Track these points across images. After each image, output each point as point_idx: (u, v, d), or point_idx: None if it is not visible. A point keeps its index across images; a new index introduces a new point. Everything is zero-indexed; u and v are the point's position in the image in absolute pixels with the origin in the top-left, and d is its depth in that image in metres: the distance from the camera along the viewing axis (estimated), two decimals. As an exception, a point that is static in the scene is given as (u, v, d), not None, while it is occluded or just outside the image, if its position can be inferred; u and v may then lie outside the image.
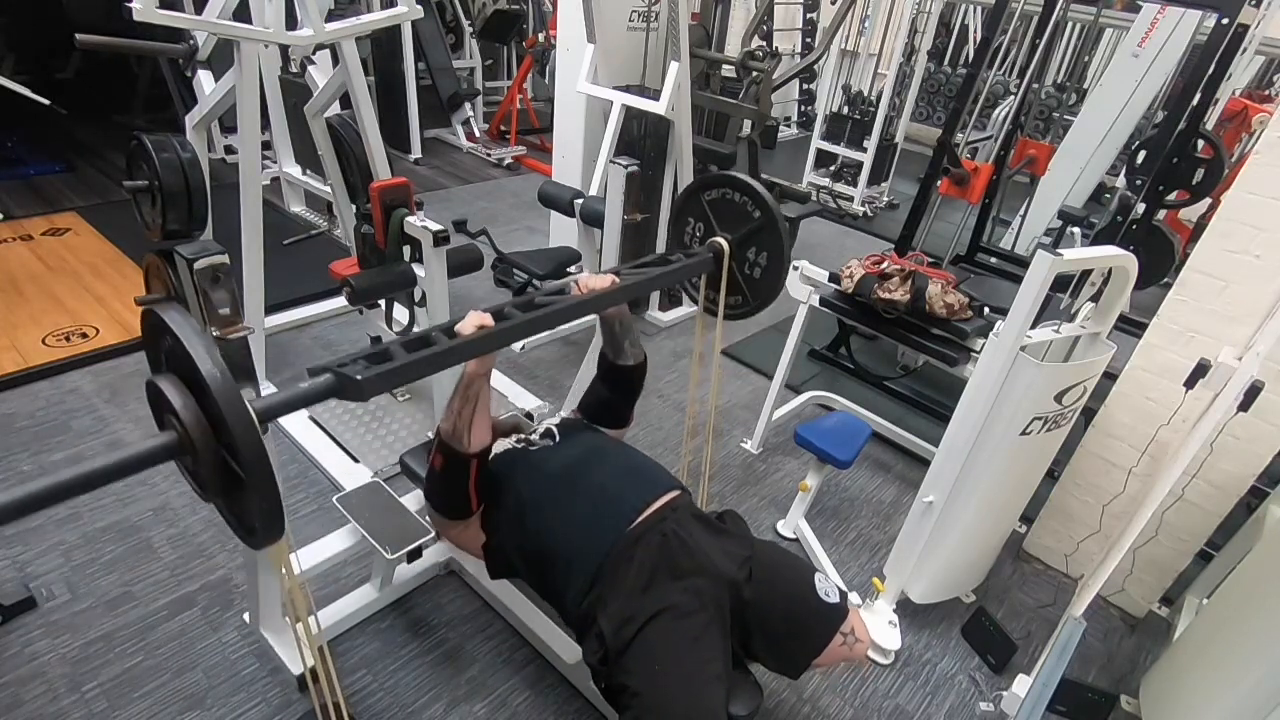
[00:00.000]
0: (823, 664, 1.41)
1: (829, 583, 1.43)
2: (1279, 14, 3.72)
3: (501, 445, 1.65)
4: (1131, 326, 2.99)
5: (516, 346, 3.17)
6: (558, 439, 1.66)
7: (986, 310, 2.46)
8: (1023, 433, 1.81)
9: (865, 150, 5.33)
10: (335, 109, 2.87)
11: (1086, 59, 7.10)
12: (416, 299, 2.41)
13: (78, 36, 2.25)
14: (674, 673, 1.27)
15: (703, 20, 3.84)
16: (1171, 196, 3.29)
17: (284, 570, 1.13)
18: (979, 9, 7.43)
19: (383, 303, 2.50)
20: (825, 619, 1.39)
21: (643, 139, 3.32)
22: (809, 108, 7.54)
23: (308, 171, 4.28)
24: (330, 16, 2.44)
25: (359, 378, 1.09)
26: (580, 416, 1.85)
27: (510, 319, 1.31)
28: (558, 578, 1.45)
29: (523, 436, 1.69)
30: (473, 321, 1.27)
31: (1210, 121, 3.65)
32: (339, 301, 3.31)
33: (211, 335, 1.36)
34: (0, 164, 4.66)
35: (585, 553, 1.41)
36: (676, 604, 1.33)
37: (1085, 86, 6.53)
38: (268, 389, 2.78)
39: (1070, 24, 6.49)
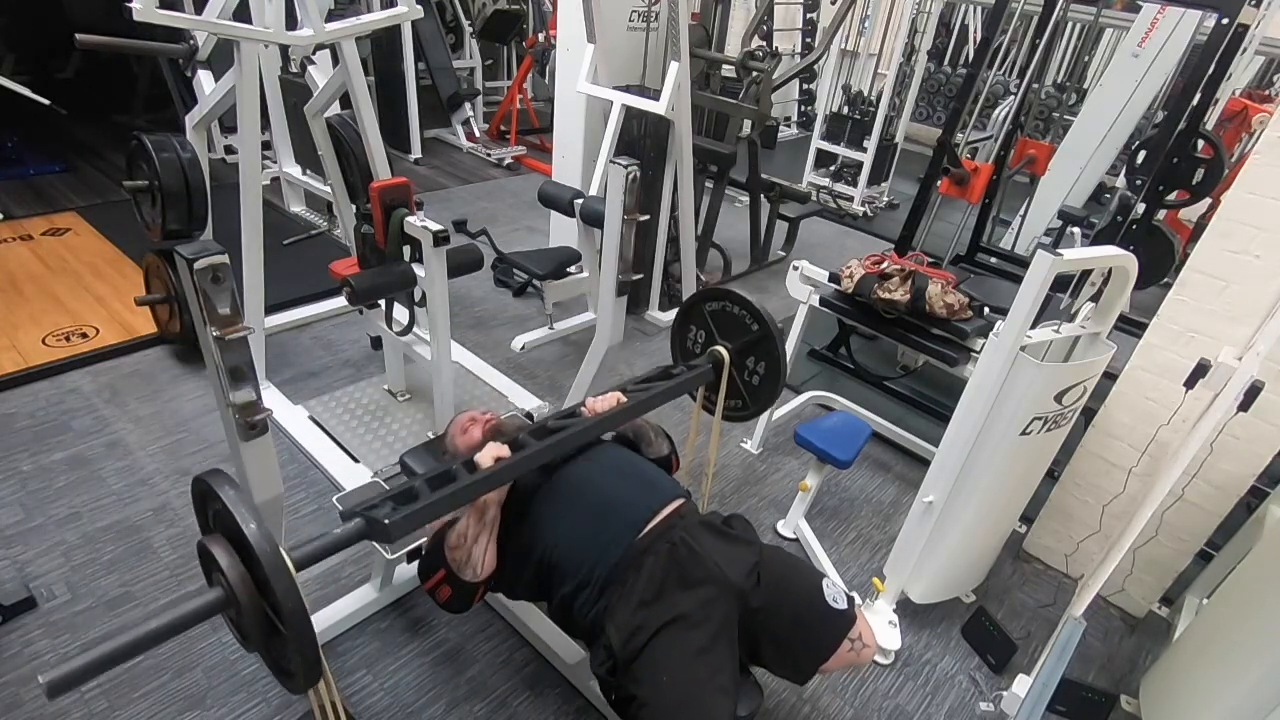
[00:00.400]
0: (830, 669, 1.41)
1: (837, 589, 1.43)
2: (1279, 14, 3.72)
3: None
4: (1131, 326, 2.99)
5: (516, 346, 3.17)
6: None
7: (986, 310, 2.46)
8: (1023, 433, 1.81)
9: (865, 150, 5.33)
10: (335, 109, 2.87)
11: (1086, 59, 7.10)
12: (416, 299, 2.41)
13: (78, 36, 2.25)
14: (682, 684, 1.27)
15: (703, 20, 3.84)
16: (1171, 196, 3.29)
17: None
18: (979, 9, 7.43)
19: (383, 303, 2.50)
20: (834, 625, 1.39)
21: (643, 139, 3.32)
22: (809, 108, 7.54)
23: (308, 171, 4.28)
24: (330, 16, 2.44)
25: (387, 521, 1.19)
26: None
27: (527, 448, 1.42)
28: (565, 589, 1.44)
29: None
30: (490, 454, 1.35)
31: (1210, 121, 3.65)
32: (339, 301, 3.31)
33: (211, 335, 1.36)
34: (0, 164, 4.66)
35: (593, 563, 1.41)
36: (685, 614, 1.32)
37: (1085, 86, 6.53)
38: (268, 389, 2.78)
39: (1070, 24, 6.49)
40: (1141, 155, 3.62)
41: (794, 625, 1.39)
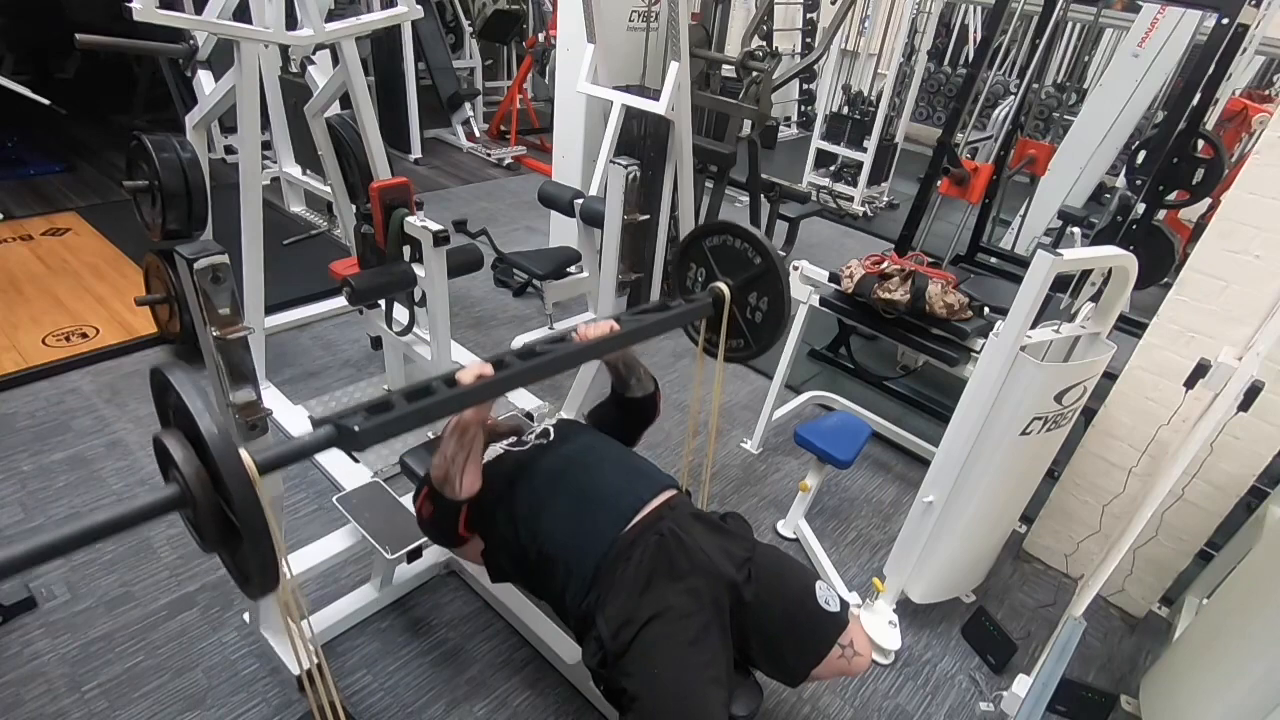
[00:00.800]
0: (821, 676, 1.40)
1: (830, 591, 1.42)
2: (1279, 14, 3.72)
3: (494, 450, 1.65)
4: (1131, 326, 2.99)
5: (516, 345, 3.17)
6: (552, 437, 1.66)
7: (986, 310, 2.46)
8: (1023, 433, 1.81)
9: (865, 150, 5.33)
10: (335, 109, 2.87)
11: (1086, 59, 7.10)
12: (416, 299, 2.41)
13: (78, 36, 2.25)
14: (672, 676, 1.27)
15: (703, 20, 3.84)
16: (1171, 196, 3.29)
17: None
18: (979, 9, 7.43)
19: (383, 303, 2.50)
20: (824, 628, 1.38)
21: (643, 139, 3.32)
22: (809, 108, 7.54)
23: (308, 171, 4.28)
24: (330, 16, 2.44)
25: (356, 429, 1.11)
26: (586, 422, 1.85)
27: (510, 368, 1.33)
28: (556, 580, 1.44)
29: (518, 439, 1.68)
30: (473, 371, 1.29)
31: (1210, 121, 3.65)
32: (339, 301, 3.31)
33: (211, 335, 1.36)
34: (0, 164, 4.66)
35: (582, 554, 1.41)
36: (675, 605, 1.32)
37: (1085, 86, 6.53)
38: (268, 389, 2.78)
39: (1070, 24, 6.49)
40: (1141, 155, 3.62)
41: (784, 624, 1.38)
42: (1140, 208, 3.08)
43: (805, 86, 7.62)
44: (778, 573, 1.43)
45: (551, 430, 1.68)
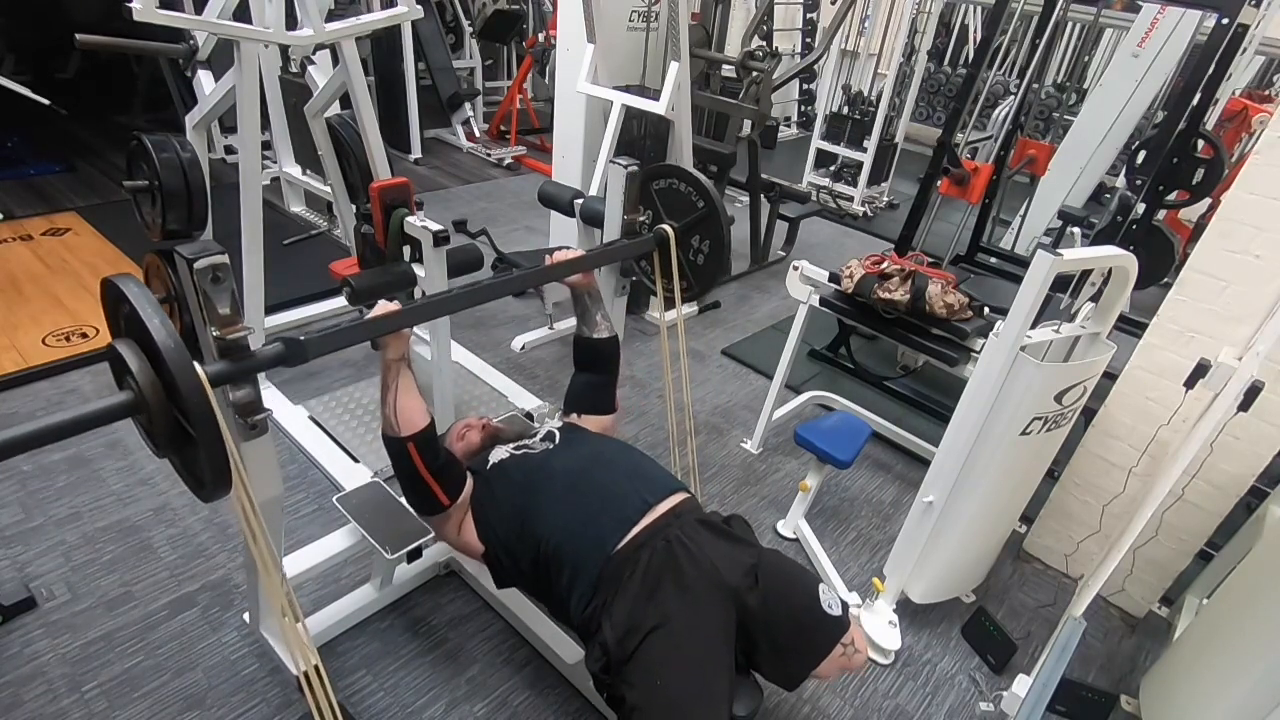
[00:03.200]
0: (821, 675, 1.41)
1: (832, 594, 1.42)
2: (1279, 14, 3.72)
3: (499, 454, 1.65)
4: (1131, 326, 2.99)
5: (516, 346, 3.17)
6: (558, 441, 1.66)
7: (986, 310, 2.46)
8: (1023, 433, 1.81)
9: (865, 150, 5.33)
10: (335, 109, 2.87)
11: (1086, 59, 7.10)
12: (416, 299, 2.41)
13: (78, 36, 2.25)
14: (675, 689, 1.26)
15: (703, 20, 3.84)
16: (1171, 196, 3.29)
17: (271, 573, 1.15)
18: (979, 9, 7.43)
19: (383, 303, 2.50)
20: (828, 631, 1.38)
21: (643, 139, 3.32)
22: (809, 108, 7.54)
23: (308, 171, 4.28)
24: (330, 16, 2.43)
25: (303, 338, 1.21)
26: (568, 416, 1.85)
27: (456, 291, 1.46)
28: (560, 584, 1.44)
29: (522, 443, 1.68)
30: (380, 308, 1.41)
31: (1210, 121, 3.65)
32: (339, 301, 3.30)
33: (211, 335, 1.36)
34: (0, 164, 4.66)
35: (588, 557, 1.40)
36: (679, 616, 1.32)
37: (1085, 86, 6.53)
38: (268, 389, 2.78)
39: (1070, 24, 6.49)
40: (1141, 155, 3.62)
41: (789, 629, 1.38)
42: (1140, 208, 3.08)
43: (805, 86, 7.62)
44: (783, 579, 1.43)
45: (557, 434, 1.67)
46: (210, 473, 1.03)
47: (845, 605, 1.44)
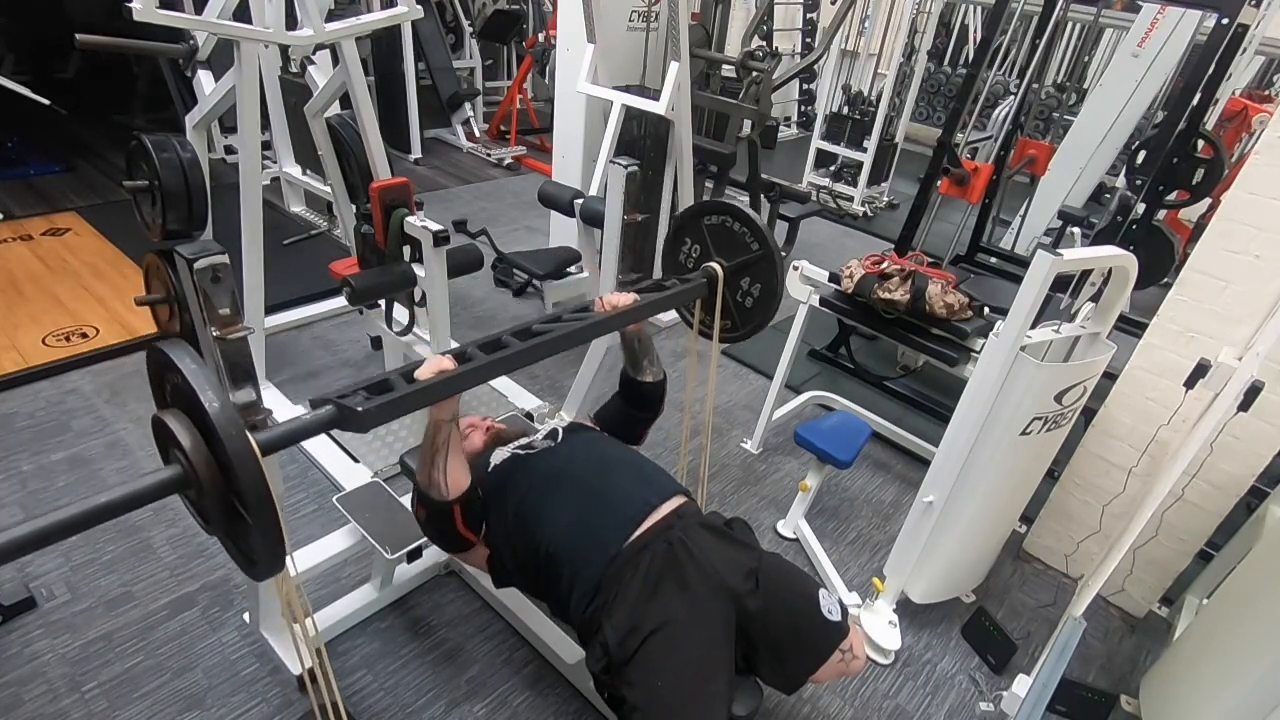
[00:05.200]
0: (819, 680, 1.41)
1: (832, 599, 1.42)
2: (1279, 14, 3.72)
3: (501, 454, 1.65)
4: (1131, 326, 2.99)
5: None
6: (560, 440, 1.66)
7: (986, 310, 2.46)
8: (1023, 433, 1.81)
9: (865, 150, 5.33)
10: (335, 109, 2.87)
11: (1086, 59, 7.10)
12: (416, 299, 2.41)
13: (78, 36, 2.25)
14: (674, 690, 1.27)
15: (703, 20, 3.84)
16: (1171, 196, 3.29)
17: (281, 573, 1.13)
18: (979, 9, 7.43)
19: (383, 303, 2.50)
20: (827, 636, 1.38)
21: (643, 139, 3.32)
22: (809, 108, 7.54)
23: (308, 171, 4.28)
24: (330, 16, 2.44)
25: (360, 409, 1.10)
26: (595, 425, 1.85)
27: (508, 348, 1.33)
28: (561, 584, 1.44)
29: (524, 443, 1.68)
30: (433, 367, 1.26)
31: (1210, 121, 3.65)
32: (339, 301, 3.31)
33: (211, 336, 1.36)
34: (0, 164, 4.66)
35: (589, 558, 1.40)
36: (680, 617, 1.32)
37: (1085, 86, 6.53)
38: (268, 389, 2.78)
39: (1070, 24, 6.49)
40: (1141, 155, 3.62)
41: (789, 634, 1.38)
42: (1140, 208, 3.08)
43: (805, 86, 7.62)
44: (783, 583, 1.43)
45: (560, 432, 1.67)
46: (264, 553, 0.98)
47: (845, 611, 1.44)
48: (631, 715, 1.28)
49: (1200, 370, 1.72)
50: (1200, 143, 3.17)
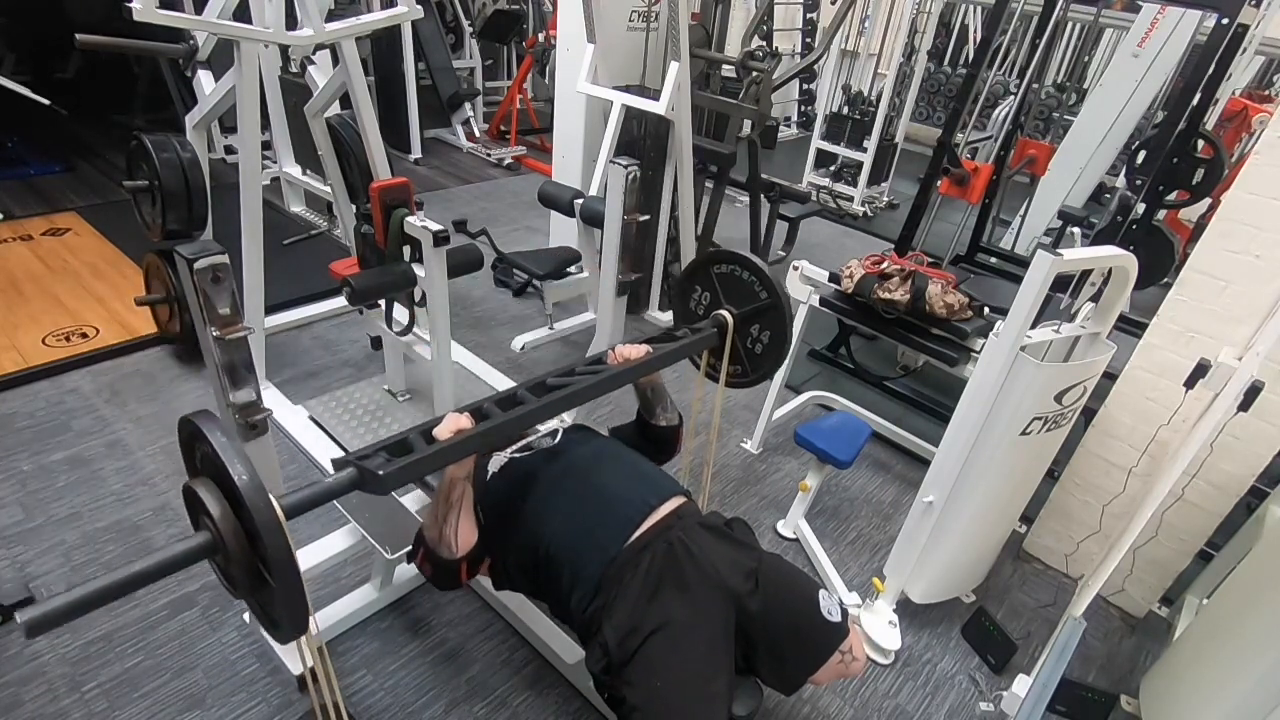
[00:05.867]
0: (818, 681, 1.41)
1: (833, 600, 1.42)
2: (1279, 14, 3.72)
3: (498, 460, 1.64)
4: (1131, 326, 2.99)
5: (516, 346, 3.17)
6: (559, 439, 1.66)
7: (986, 310, 2.46)
8: (1023, 433, 1.81)
9: (865, 150, 5.33)
10: (335, 109, 2.87)
11: (1086, 59, 7.11)
12: (416, 299, 2.41)
13: (78, 36, 2.25)
14: (674, 691, 1.27)
15: (703, 20, 3.84)
16: (1171, 196, 3.29)
17: None
18: (979, 9, 7.43)
19: (383, 303, 2.50)
20: (827, 637, 1.38)
21: (643, 139, 3.32)
22: (809, 108, 7.54)
23: (308, 171, 4.28)
24: (330, 16, 2.44)
25: (381, 473, 1.14)
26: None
27: (524, 404, 1.35)
28: (561, 583, 1.44)
29: (523, 444, 1.68)
30: (451, 426, 1.27)
31: (1210, 121, 3.65)
32: (339, 301, 3.31)
33: (211, 335, 1.36)
34: (0, 164, 4.66)
35: (590, 558, 1.40)
36: (680, 618, 1.32)
37: (1085, 86, 6.53)
38: (268, 390, 2.78)
39: (1070, 24, 6.49)
40: (1141, 155, 3.62)
41: (789, 635, 1.38)
42: (1140, 208, 3.08)
43: (805, 86, 7.62)
44: (783, 583, 1.42)
45: (560, 432, 1.67)
46: (288, 616, 1.02)
47: (845, 612, 1.44)
48: (631, 715, 1.28)
49: (1200, 370, 1.72)
50: (1200, 143, 3.17)
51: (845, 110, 5.79)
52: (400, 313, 2.51)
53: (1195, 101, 2.73)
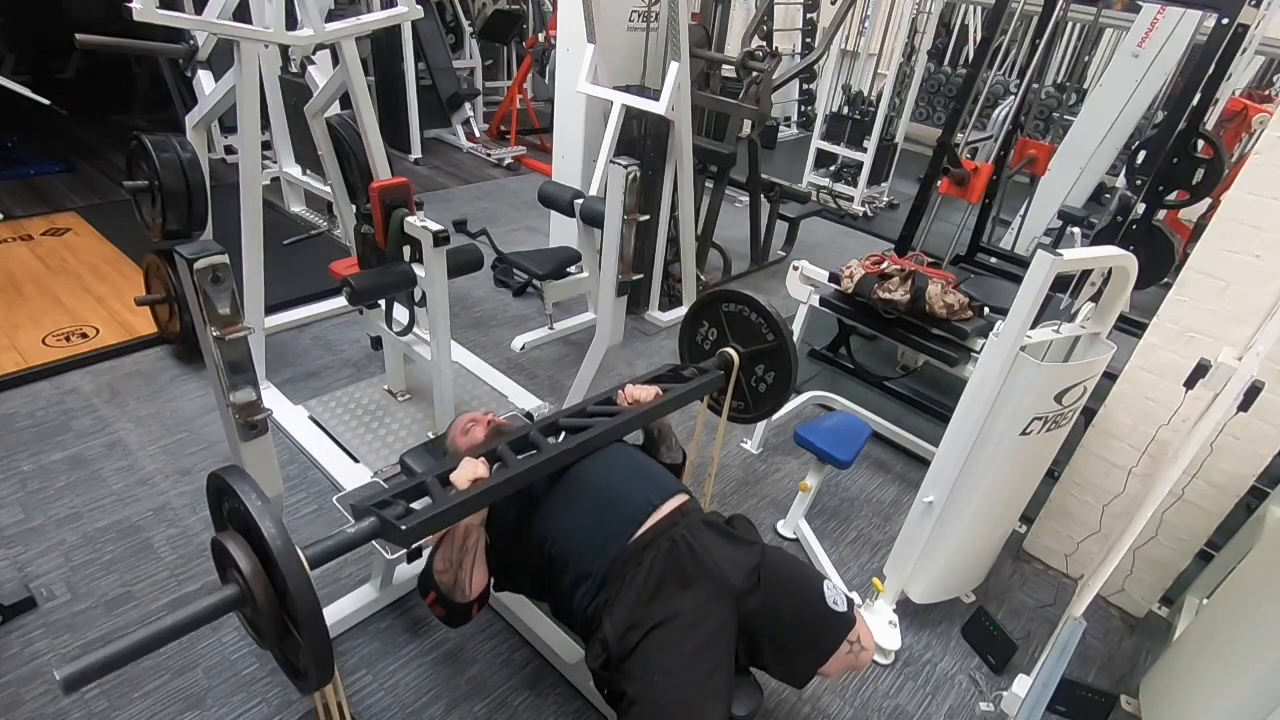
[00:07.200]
0: (828, 673, 1.41)
1: (837, 591, 1.42)
2: (1279, 14, 3.72)
3: None
4: (1131, 326, 2.99)
5: (516, 346, 3.17)
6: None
7: (986, 310, 2.46)
8: (1023, 433, 1.81)
9: (865, 150, 5.33)
10: (335, 109, 2.87)
11: (1086, 59, 7.11)
12: (416, 299, 2.41)
13: (78, 36, 2.25)
14: (672, 684, 1.27)
15: (703, 20, 3.84)
16: (1171, 196, 3.29)
17: None
18: (979, 9, 7.43)
19: (383, 303, 2.50)
20: (833, 628, 1.38)
21: (643, 139, 3.32)
22: (809, 108, 7.54)
23: (308, 171, 4.28)
24: (330, 16, 2.44)
25: (404, 528, 1.18)
26: None
27: (541, 450, 1.41)
28: (564, 581, 1.44)
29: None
30: (468, 475, 1.31)
31: (1210, 121, 3.65)
32: (339, 301, 3.31)
33: (211, 335, 1.36)
34: (0, 164, 4.66)
35: (593, 556, 1.41)
36: (681, 613, 1.32)
37: (1085, 86, 6.53)
38: (268, 389, 2.78)
39: (1070, 24, 6.49)
40: (1141, 155, 3.62)
41: (794, 627, 1.39)
42: (1140, 208, 3.07)
43: (805, 86, 7.62)
44: (787, 577, 1.43)
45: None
46: (315, 667, 1.04)
47: (851, 601, 1.44)
48: (630, 709, 1.28)
49: (1200, 370, 1.72)
50: (1200, 143, 3.17)
51: (845, 110, 5.79)
52: (400, 313, 2.51)
53: (1195, 101, 2.73)
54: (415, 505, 1.28)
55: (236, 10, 2.33)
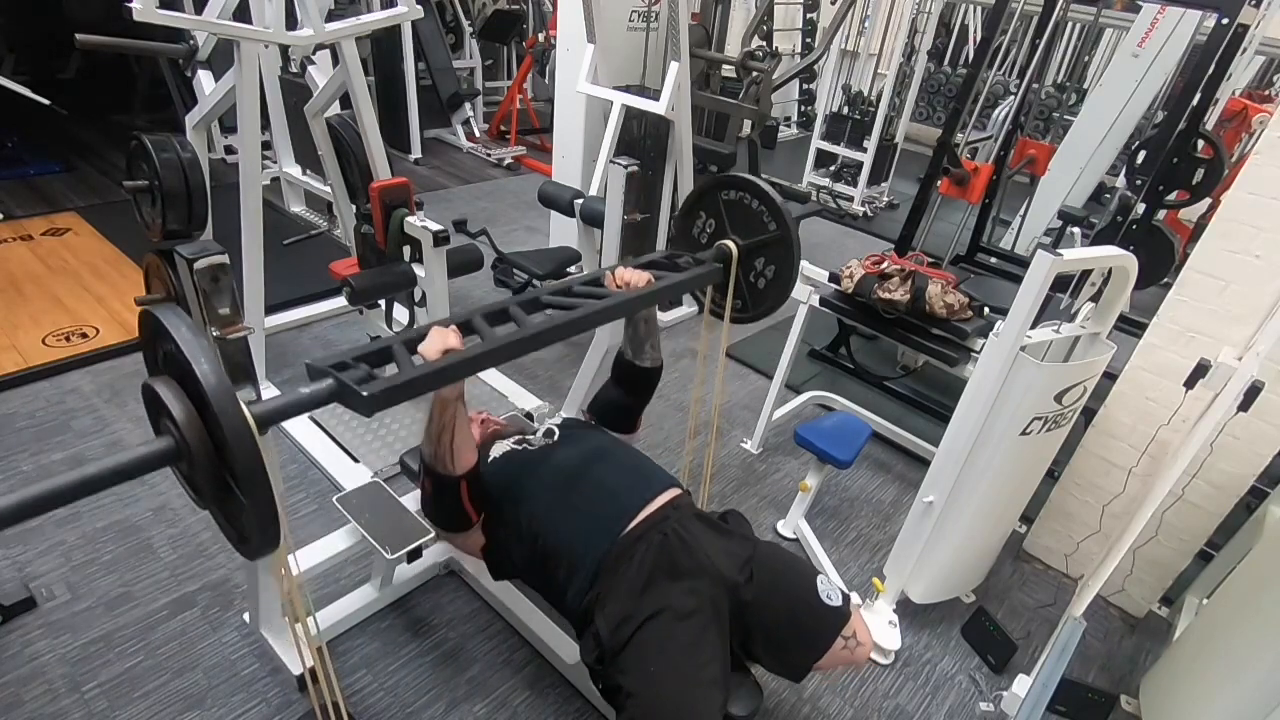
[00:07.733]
0: (824, 667, 1.41)
1: (831, 585, 1.42)
2: (1279, 14, 3.72)
3: (500, 448, 1.65)
4: (1131, 326, 2.98)
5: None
6: (557, 437, 1.66)
7: (986, 310, 2.46)
8: (1023, 433, 1.81)
9: (865, 150, 5.33)
10: (335, 109, 2.87)
11: (1086, 59, 7.10)
12: (416, 299, 2.41)
13: (78, 36, 2.25)
14: (668, 675, 1.27)
15: (703, 20, 3.84)
16: (1171, 196, 3.29)
17: (283, 572, 1.13)
18: (979, 9, 7.43)
19: (383, 303, 2.50)
20: (827, 622, 1.38)
21: (643, 139, 3.32)
22: (809, 108, 7.53)
23: (308, 171, 4.28)
24: (330, 16, 2.44)
25: (365, 394, 1.02)
26: (589, 417, 1.86)
27: (519, 323, 1.20)
28: (558, 576, 1.44)
29: (523, 438, 1.69)
30: (438, 345, 1.14)
31: (1210, 121, 3.65)
32: (339, 301, 3.31)
33: (211, 336, 1.36)
34: (0, 164, 4.66)
35: (585, 551, 1.41)
36: (674, 605, 1.32)
37: (1085, 86, 6.52)
38: (268, 389, 2.78)
39: (1070, 24, 6.49)
40: (1141, 155, 3.62)
41: (787, 621, 1.39)
42: (1140, 208, 3.07)
43: (805, 86, 7.62)
44: (779, 571, 1.43)
45: (556, 430, 1.68)
46: (257, 528, 0.93)
47: (846, 596, 1.44)
48: (626, 702, 1.28)
49: (1200, 370, 1.72)
50: (1200, 143, 3.17)
51: (845, 110, 5.78)
52: (400, 313, 2.51)
53: (1195, 101, 2.73)
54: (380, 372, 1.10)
55: (236, 10, 2.33)
